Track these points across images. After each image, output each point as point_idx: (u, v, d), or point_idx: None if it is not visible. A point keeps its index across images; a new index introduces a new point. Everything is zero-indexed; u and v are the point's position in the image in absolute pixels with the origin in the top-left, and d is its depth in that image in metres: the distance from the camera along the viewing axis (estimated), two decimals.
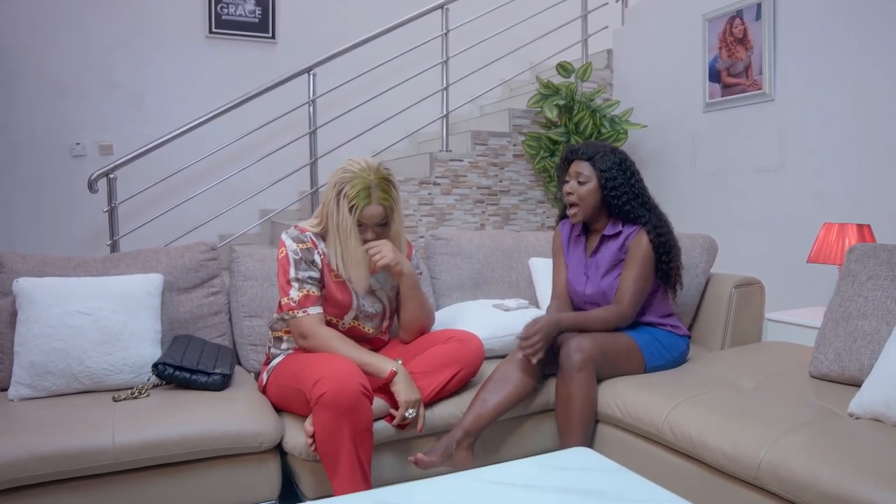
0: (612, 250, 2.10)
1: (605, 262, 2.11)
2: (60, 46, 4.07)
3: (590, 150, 2.11)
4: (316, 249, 1.90)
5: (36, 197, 4.06)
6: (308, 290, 1.86)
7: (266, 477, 1.78)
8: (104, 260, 2.18)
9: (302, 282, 1.86)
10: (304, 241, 1.89)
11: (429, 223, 3.80)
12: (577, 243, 2.23)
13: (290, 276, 1.86)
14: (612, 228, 2.11)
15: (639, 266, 2.03)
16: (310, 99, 3.72)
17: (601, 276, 2.10)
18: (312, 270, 1.88)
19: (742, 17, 3.35)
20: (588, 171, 2.09)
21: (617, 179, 2.06)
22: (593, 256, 2.14)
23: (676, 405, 1.75)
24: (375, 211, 1.84)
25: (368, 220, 1.85)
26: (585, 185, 2.08)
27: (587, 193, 2.08)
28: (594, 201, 2.09)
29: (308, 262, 1.88)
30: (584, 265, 2.17)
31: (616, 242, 2.10)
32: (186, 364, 1.89)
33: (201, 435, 1.68)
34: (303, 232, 1.91)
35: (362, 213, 1.83)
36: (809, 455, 1.41)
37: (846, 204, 2.92)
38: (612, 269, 2.10)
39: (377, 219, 1.85)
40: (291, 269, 1.86)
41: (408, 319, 2.00)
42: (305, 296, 1.85)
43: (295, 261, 1.87)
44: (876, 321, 1.81)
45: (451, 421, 1.92)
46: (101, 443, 1.60)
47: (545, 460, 1.33)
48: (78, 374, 1.88)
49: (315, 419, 1.66)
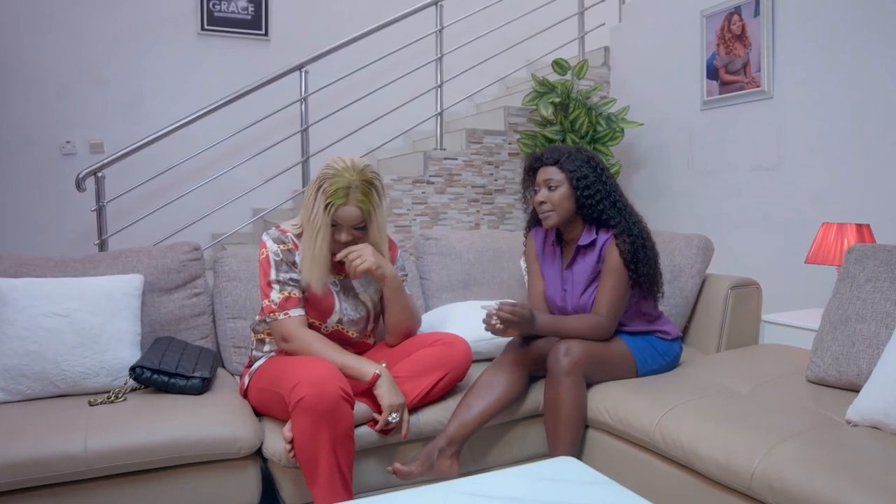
0: (589, 262, 2.00)
1: (584, 276, 2.01)
2: (51, 44, 4.01)
3: (554, 154, 2.00)
4: (297, 251, 1.85)
5: (25, 196, 4.01)
6: (289, 291, 1.81)
7: (245, 484, 1.73)
8: (84, 260, 2.13)
9: (283, 283, 1.81)
10: (285, 242, 1.84)
11: (423, 222, 3.75)
12: (552, 254, 2.11)
13: (271, 279, 1.81)
14: (586, 237, 1.99)
15: (613, 277, 1.93)
16: (301, 96, 3.67)
17: (581, 292, 2.01)
18: (294, 272, 1.83)
19: (740, 14, 3.30)
20: (557, 175, 1.97)
21: (588, 178, 1.95)
22: (569, 269, 2.05)
23: (668, 411, 1.69)
24: (351, 213, 1.78)
25: (343, 222, 1.79)
26: (557, 190, 1.96)
27: (561, 198, 1.96)
28: (569, 206, 1.97)
29: (289, 263, 1.83)
30: (560, 279, 2.07)
31: (593, 254, 1.99)
32: (165, 367, 1.84)
33: (177, 441, 1.63)
34: (284, 233, 1.86)
35: (337, 212, 1.77)
36: (804, 465, 1.35)
37: (845, 203, 2.86)
38: (592, 283, 2.00)
39: (352, 221, 1.79)
40: (272, 271, 1.81)
41: (392, 323, 1.95)
42: (286, 298, 1.80)
43: (276, 262, 1.82)
44: (875, 325, 1.75)
45: (436, 427, 1.86)
46: (72, 449, 1.55)
47: (528, 471, 1.27)
48: (53, 378, 1.83)
49: (293, 424, 1.61)
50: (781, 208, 3.15)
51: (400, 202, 3.69)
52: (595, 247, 1.99)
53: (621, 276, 1.93)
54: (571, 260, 2.04)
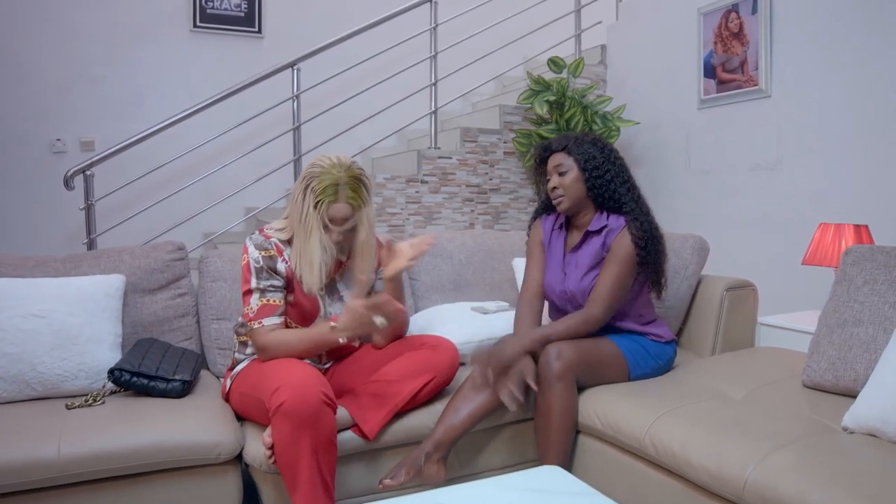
0: (595, 247, 1.97)
1: (587, 260, 1.97)
2: (43, 41, 3.97)
3: (563, 141, 2.02)
4: (280, 257, 1.81)
5: (14, 194, 3.96)
6: (268, 298, 1.77)
7: (225, 490, 1.68)
8: (65, 260, 2.08)
9: (263, 291, 1.77)
10: (267, 249, 1.80)
11: (416, 222, 3.70)
12: (557, 238, 2.09)
13: (252, 286, 1.77)
14: (597, 223, 1.97)
15: (618, 268, 1.90)
16: (293, 94, 3.62)
17: (582, 275, 1.97)
18: (275, 279, 1.79)
19: (738, 11, 3.25)
20: (566, 160, 1.98)
21: (597, 160, 1.96)
22: (574, 253, 2.01)
23: (659, 417, 1.65)
24: (342, 210, 1.74)
25: (333, 220, 1.75)
26: (567, 175, 1.97)
27: (571, 182, 1.96)
28: (580, 189, 1.97)
29: (270, 269, 1.78)
30: (562, 262, 2.05)
31: (599, 239, 1.97)
32: (145, 370, 1.80)
33: (153, 446, 1.59)
34: (267, 238, 1.81)
35: (328, 210, 1.73)
36: (798, 475, 1.31)
37: (843, 203, 2.82)
38: (593, 269, 1.97)
39: (343, 213, 1.75)
40: (253, 279, 1.77)
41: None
42: (264, 305, 1.76)
43: (256, 269, 1.77)
44: (872, 328, 1.71)
45: (423, 431, 1.82)
46: (45, 454, 1.51)
47: (510, 480, 1.23)
48: (30, 381, 1.79)
49: (273, 430, 1.56)
50: (779, 208, 3.11)
51: (393, 201, 3.64)
52: (602, 233, 1.96)
53: (626, 266, 1.90)
54: (577, 245, 2.01)
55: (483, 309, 2.22)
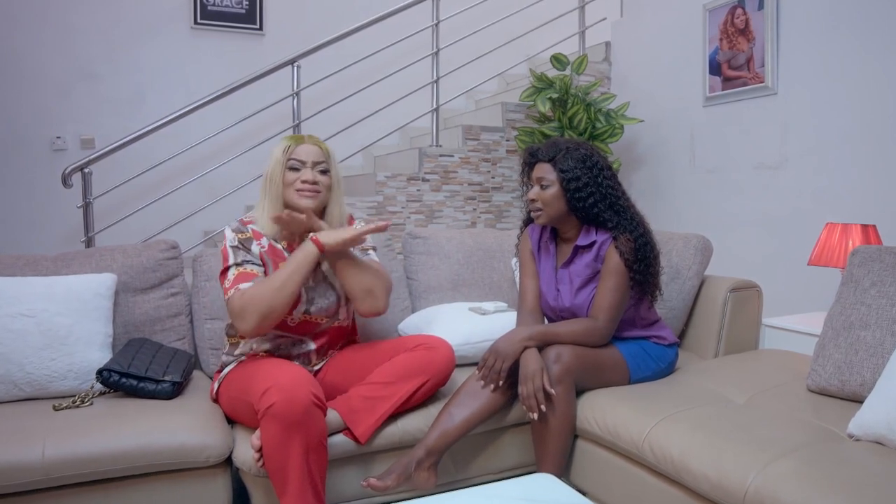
0: (586, 261, 1.90)
1: (580, 276, 1.91)
2: (42, 38, 3.95)
3: (551, 151, 1.91)
4: (257, 241, 1.82)
5: (14, 192, 3.94)
6: (245, 268, 1.75)
7: (214, 494, 1.65)
8: (56, 259, 2.05)
9: (239, 264, 1.76)
10: (244, 232, 1.82)
11: (417, 220, 3.66)
12: (546, 252, 2.03)
13: (229, 263, 1.76)
14: (585, 238, 1.90)
15: (613, 279, 1.83)
16: (294, 91, 3.59)
17: (576, 291, 1.91)
18: (252, 257, 1.79)
19: (744, 7, 3.19)
20: (550, 174, 1.88)
21: (581, 180, 1.85)
22: (566, 268, 1.95)
23: (658, 422, 1.60)
24: (310, 149, 1.81)
25: (306, 157, 1.79)
26: (548, 190, 1.88)
27: (551, 198, 1.88)
28: (559, 206, 1.88)
29: (246, 249, 1.79)
30: (554, 277, 1.98)
31: (590, 253, 1.90)
32: (134, 370, 1.76)
33: (141, 448, 1.55)
34: (245, 224, 1.84)
35: (296, 150, 1.79)
36: (801, 484, 1.26)
37: (850, 203, 2.76)
38: (589, 283, 1.90)
39: (313, 156, 1.80)
40: (230, 257, 1.77)
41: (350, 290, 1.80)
42: (241, 273, 1.73)
43: (233, 248, 1.78)
44: (880, 332, 1.65)
45: (417, 435, 1.78)
46: (29, 457, 1.48)
47: (501, 489, 1.19)
48: (18, 381, 1.76)
49: (262, 432, 1.53)
50: (784, 208, 3.05)
51: (394, 200, 3.61)
52: (593, 248, 1.90)
53: (622, 278, 1.84)
54: (568, 259, 1.95)
55: (481, 309, 2.18)
